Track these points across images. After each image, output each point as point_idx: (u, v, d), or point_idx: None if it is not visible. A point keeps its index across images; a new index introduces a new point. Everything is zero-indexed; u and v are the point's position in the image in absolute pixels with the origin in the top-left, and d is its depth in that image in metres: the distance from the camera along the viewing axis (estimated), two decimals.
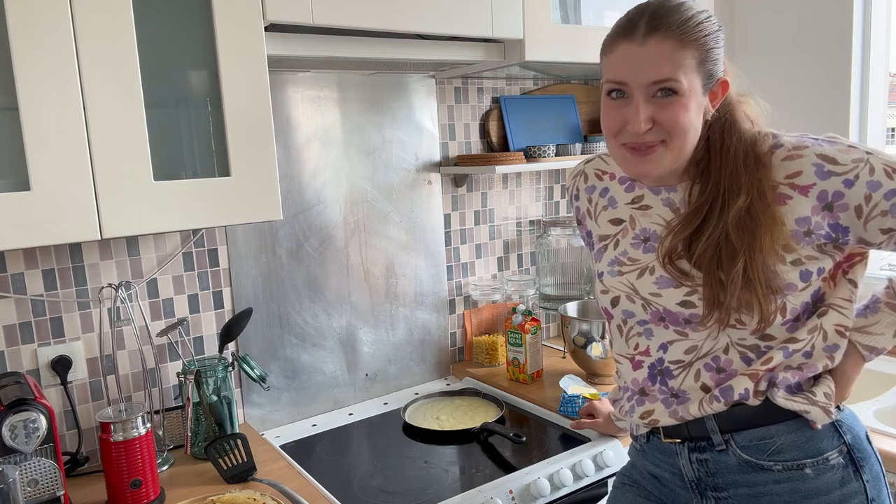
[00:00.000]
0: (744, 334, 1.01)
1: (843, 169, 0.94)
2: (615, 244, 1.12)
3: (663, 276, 1.03)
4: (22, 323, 1.40)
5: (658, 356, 1.07)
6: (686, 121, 0.96)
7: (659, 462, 1.14)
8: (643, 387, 1.10)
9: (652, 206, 1.08)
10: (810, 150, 0.96)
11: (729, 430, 1.03)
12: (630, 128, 0.97)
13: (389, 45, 1.48)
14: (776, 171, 0.97)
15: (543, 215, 2.18)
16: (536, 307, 2.12)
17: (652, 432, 1.14)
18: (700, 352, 1.04)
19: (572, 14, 1.74)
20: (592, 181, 1.19)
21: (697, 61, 0.95)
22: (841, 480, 1.00)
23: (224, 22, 1.21)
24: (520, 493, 1.35)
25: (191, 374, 1.46)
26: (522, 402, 1.75)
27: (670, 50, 0.93)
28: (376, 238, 1.85)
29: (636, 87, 0.96)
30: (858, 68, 1.91)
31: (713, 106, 1.01)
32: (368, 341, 1.87)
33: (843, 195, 0.94)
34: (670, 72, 0.94)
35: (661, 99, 0.96)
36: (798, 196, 0.96)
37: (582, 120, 2.16)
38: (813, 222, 0.96)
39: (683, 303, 1.01)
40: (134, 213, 1.17)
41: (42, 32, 1.05)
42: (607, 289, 1.11)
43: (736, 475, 1.04)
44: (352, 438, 1.64)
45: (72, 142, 1.10)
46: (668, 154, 0.98)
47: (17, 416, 1.14)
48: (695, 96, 0.96)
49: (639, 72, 0.95)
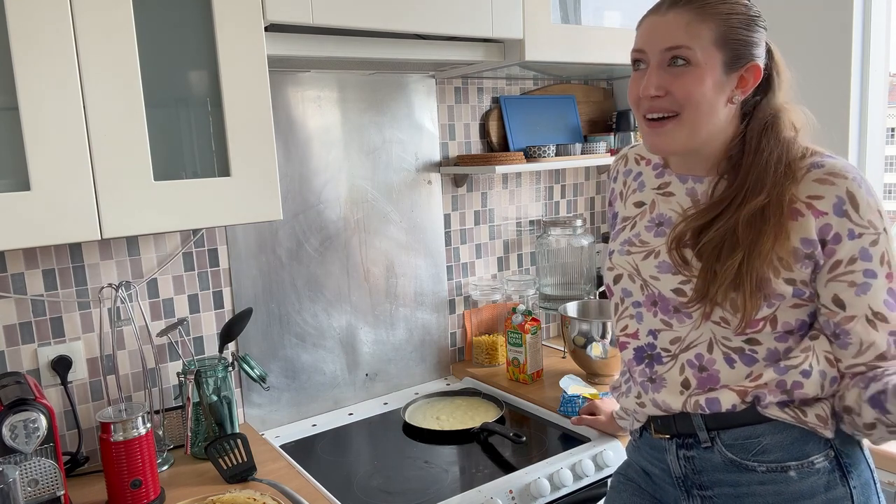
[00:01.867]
0: (727, 333, 1.01)
1: (858, 220, 0.94)
2: (632, 226, 1.14)
3: (665, 261, 1.05)
4: (22, 323, 1.40)
5: (648, 341, 1.09)
6: (699, 93, 0.97)
7: (650, 458, 1.15)
8: (628, 368, 1.14)
9: (675, 194, 1.10)
10: (845, 183, 0.95)
11: (715, 427, 1.04)
12: (641, 92, 1.00)
13: (389, 46, 1.48)
14: (803, 187, 0.96)
15: (543, 215, 2.18)
16: (536, 307, 2.12)
17: (644, 427, 1.15)
18: (683, 344, 1.05)
19: (572, 14, 1.74)
20: (631, 165, 1.21)
21: (717, 36, 0.96)
22: (826, 485, 0.99)
23: (224, 22, 1.21)
24: (520, 493, 1.35)
25: (191, 374, 1.46)
26: (522, 402, 1.75)
27: (687, 20, 0.96)
28: (376, 238, 1.85)
29: (652, 55, 0.99)
30: (858, 68, 1.90)
31: (743, 91, 1.00)
32: (368, 341, 1.87)
33: (840, 241, 0.95)
34: (683, 39, 0.96)
35: (674, 68, 0.98)
36: (809, 216, 0.95)
37: (582, 120, 2.16)
38: (818, 249, 0.96)
39: (677, 290, 1.03)
40: (134, 213, 1.17)
41: (42, 32, 1.05)
42: (613, 266, 1.14)
43: (721, 474, 1.04)
44: (352, 438, 1.64)
45: (72, 142, 1.10)
46: (681, 128, 1.00)
47: (18, 416, 1.14)
48: (711, 71, 0.97)
49: (654, 38, 0.99)
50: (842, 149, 1.89)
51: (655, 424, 1.11)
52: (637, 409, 1.13)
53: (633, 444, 1.22)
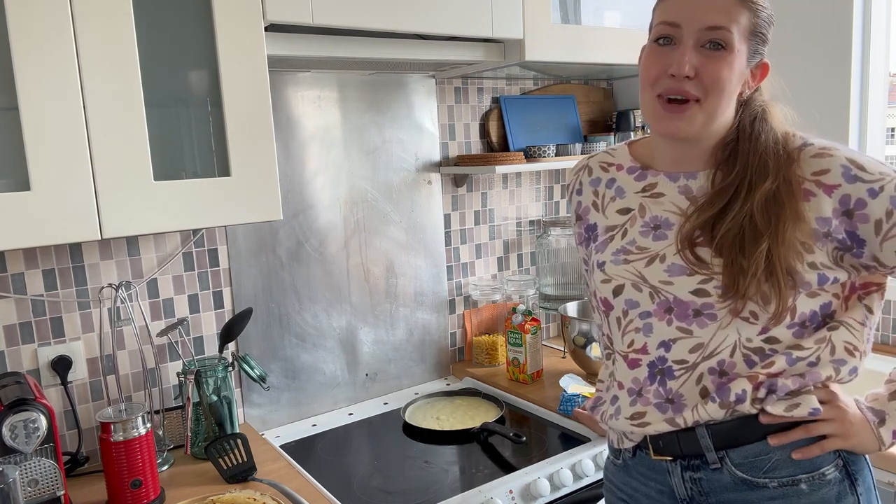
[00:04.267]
0: (751, 333, 0.97)
1: (870, 177, 0.92)
2: (623, 234, 1.08)
3: (675, 263, 0.99)
4: (22, 323, 1.40)
5: (659, 354, 1.02)
6: (728, 79, 0.95)
7: (645, 479, 1.08)
8: (642, 387, 1.04)
9: (665, 194, 1.05)
10: (840, 152, 0.95)
11: (724, 447, 1.00)
12: (674, 70, 0.95)
13: (389, 46, 1.48)
14: (804, 166, 0.95)
15: (543, 215, 2.18)
16: (536, 307, 2.12)
17: (639, 446, 1.08)
18: (706, 350, 0.99)
19: (572, 14, 1.74)
20: (598, 174, 1.16)
21: (750, 27, 0.95)
22: (837, 495, 0.97)
23: (224, 22, 1.21)
24: (520, 493, 1.35)
25: (191, 374, 1.46)
26: (522, 402, 1.75)
27: (731, 2, 0.94)
28: (376, 238, 1.85)
29: (688, 32, 0.94)
30: (858, 68, 1.90)
31: (751, 87, 1.00)
32: (368, 341, 1.87)
33: (866, 205, 0.92)
34: (727, 21, 0.93)
35: (709, 51, 0.94)
36: (822, 195, 0.94)
37: (582, 120, 2.16)
38: (833, 224, 0.93)
39: (697, 291, 0.97)
40: (134, 213, 1.17)
41: (42, 32, 1.06)
42: (610, 277, 1.06)
43: (730, 493, 1.00)
44: (352, 438, 1.64)
45: (72, 142, 1.10)
46: (701, 114, 0.97)
47: (18, 416, 1.14)
48: (739, 60, 0.96)
49: (696, 13, 0.94)
50: None
51: (656, 445, 1.04)
52: (634, 430, 1.04)
53: (618, 463, 1.13)
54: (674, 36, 0.96)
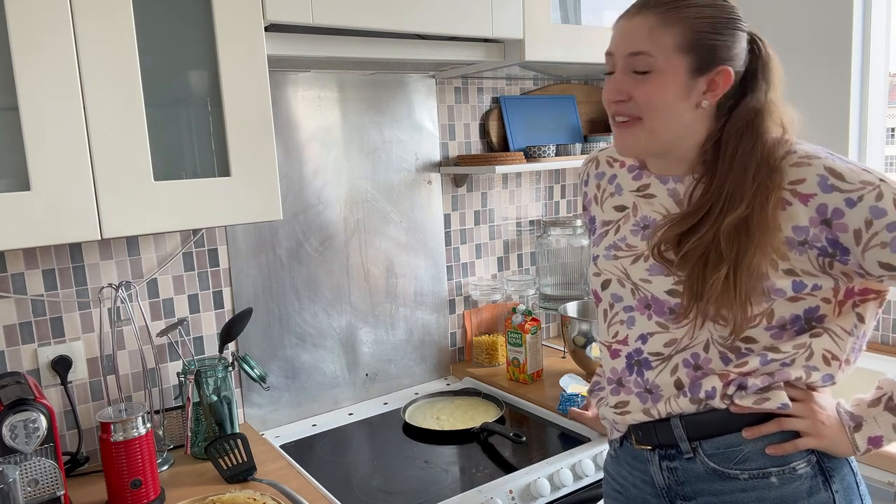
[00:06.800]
0: (724, 332, 0.99)
1: (848, 186, 0.92)
2: (616, 230, 1.13)
3: (656, 263, 1.03)
4: (22, 323, 1.40)
5: (636, 346, 1.06)
6: (659, 100, 0.97)
7: (631, 468, 1.13)
8: (621, 377, 1.10)
9: (656, 196, 1.08)
10: (820, 161, 0.94)
11: (697, 437, 1.02)
12: (606, 97, 1.02)
13: (389, 46, 1.48)
14: (784, 175, 0.95)
15: (543, 215, 2.18)
16: (536, 307, 2.12)
17: (625, 437, 1.12)
18: (679, 345, 1.03)
19: (572, 14, 1.74)
20: (603, 168, 1.20)
21: (683, 41, 0.95)
22: (809, 490, 0.98)
23: (224, 22, 1.21)
24: (520, 493, 1.35)
25: (191, 374, 1.46)
26: (522, 402, 1.76)
27: (650, 26, 0.96)
28: (376, 238, 1.85)
29: (619, 59, 1.00)
30: (858, 68, 1.91)
31: (713, 95, 0.98)
32: (368, 341, 1.87)
33: (844, 214, 0.92)
34: (644, 46, 0.96)
35: (637, 75, 0.98)
36: (798, 204, 0.94)
37: (582, 120, 2.16)
38: (811, 233, 0.94)
39: (671, 291, 1.01)
40: (134, 213, 1.17)
41: (42, 32, 1.06)
42: (600, 271, 1.12)
43: (703, 483, 1.03)
44: (352, 438, 1.64)
45: (72, 142, 1.10)
46: (643, 132, 1.00)
47: (18, 416, 1.14)
48: (674, 77, 0.96)
49: (621, 41, 0.99)
50: (842, 149, 1.89)
51: (637, 435, 1.09)
52: (616, 419, 1.10)
53: (611, 454, 1.19)
54: (611, 64, 1.02)
